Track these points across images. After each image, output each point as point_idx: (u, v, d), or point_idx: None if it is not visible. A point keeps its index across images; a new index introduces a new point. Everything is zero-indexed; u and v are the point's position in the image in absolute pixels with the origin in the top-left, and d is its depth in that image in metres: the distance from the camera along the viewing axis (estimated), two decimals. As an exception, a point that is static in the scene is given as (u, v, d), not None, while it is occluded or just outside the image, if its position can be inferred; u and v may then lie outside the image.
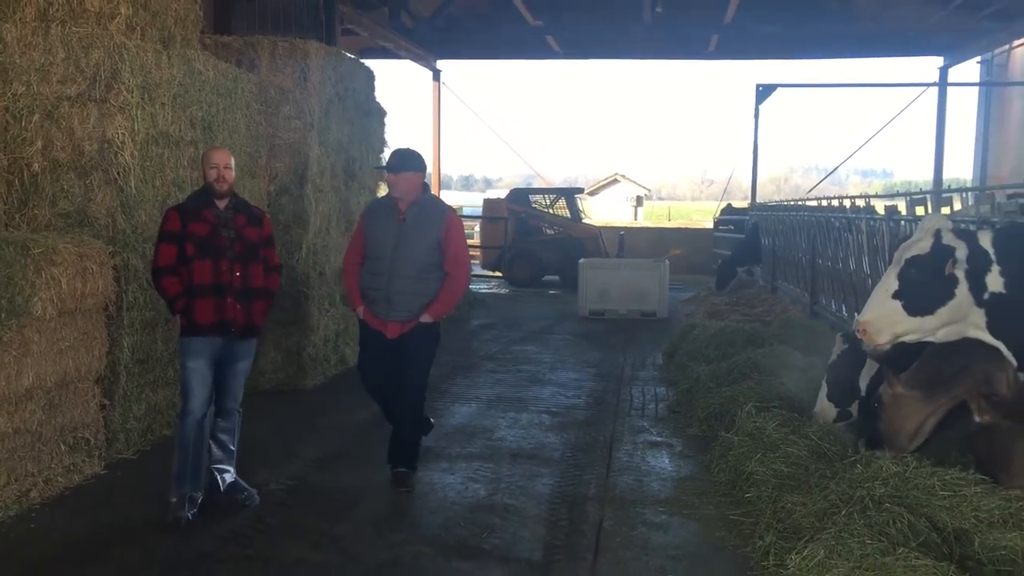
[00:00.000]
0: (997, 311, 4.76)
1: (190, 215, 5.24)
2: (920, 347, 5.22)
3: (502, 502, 5.60)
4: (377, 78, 10.44)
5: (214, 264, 5.23)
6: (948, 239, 4.73)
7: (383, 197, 6.13)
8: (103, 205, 6.13)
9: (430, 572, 4.56)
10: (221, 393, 5.45)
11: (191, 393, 5.25)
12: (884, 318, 4.74)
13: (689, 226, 27.73)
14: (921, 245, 4.78)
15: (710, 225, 21.51)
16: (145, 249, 6.32)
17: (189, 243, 5.19)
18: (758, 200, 22.39)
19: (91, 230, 6.06)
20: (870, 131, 23.31)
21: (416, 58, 22.31)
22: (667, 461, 6.53)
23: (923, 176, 23.31)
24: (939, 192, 8.79)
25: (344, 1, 16.66)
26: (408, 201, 5.75)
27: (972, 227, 5.27)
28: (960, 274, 4.74)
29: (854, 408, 6.12)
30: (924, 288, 4.68)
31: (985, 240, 4.70)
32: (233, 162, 5.41)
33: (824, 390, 6.30)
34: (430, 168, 25.15)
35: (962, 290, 4.74)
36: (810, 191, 22.59)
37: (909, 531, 4.10)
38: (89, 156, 6.10)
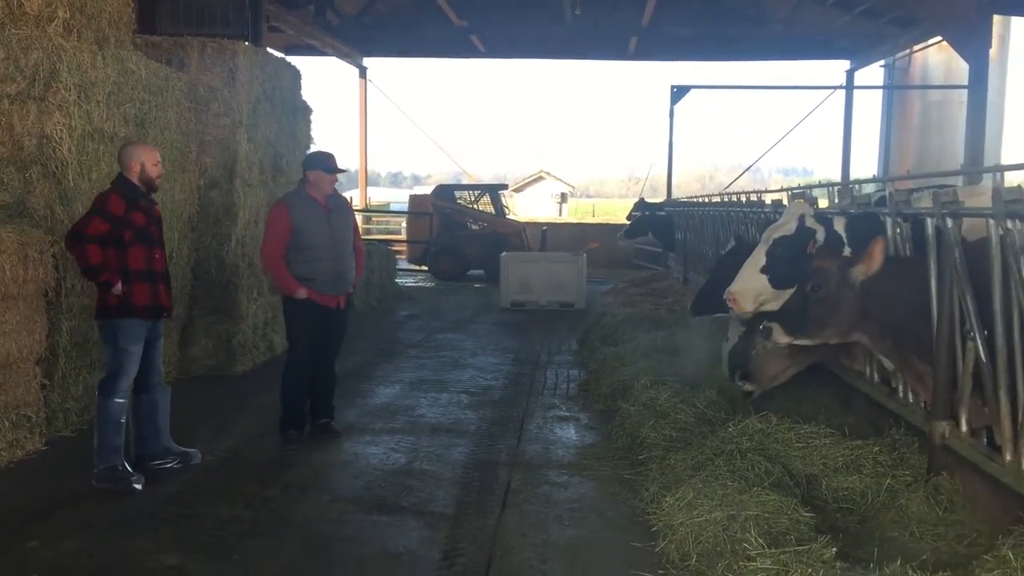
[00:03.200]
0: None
1: (131, 204, 5.62)
2: None
3: (420, 468, 6.15)
4: (304, 75, 10.91)
5: (147, 251, 5.69)
6: (810, 223, 5.43)
7: (297, 193, 6.74)
8: (42, 197, 6.50)
9: (352, 525, 5.07)
10: (149, 371, 5.86)
11: (126, 374, 5.65)
12: (751, 290, 5.42)
13: (611, 222, 28.51)
14: (787, 227, 5.48)
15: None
16: (82, 239, 6.71)
17: (128, 230, 5.58)
18: (683, 197, 23.28)
19: (30, 221, 6.42)
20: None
21: (342, 55, 22.64)
22: (573, 432, 7.15)
23: (839, 174, 24.39)
24: (809, 188, 9.52)
25: (270, -1, 16.94)
26: (326, 195, 6.61)
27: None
28: (818, 254, 5.43)
29: None
30: (788, 265, 5.34)
31: (839, 225, 5.42)
32: None
33: (727, 372, 6.95)
34: (357, 164, 25.57)
35: (819, 268, 5.43)
36: (727, 187, 23.54)
37: (764, 475, 4.80)
38: (28, 151, 6.47)
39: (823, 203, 7.81)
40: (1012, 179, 4.78)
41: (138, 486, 5.55)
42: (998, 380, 4.36)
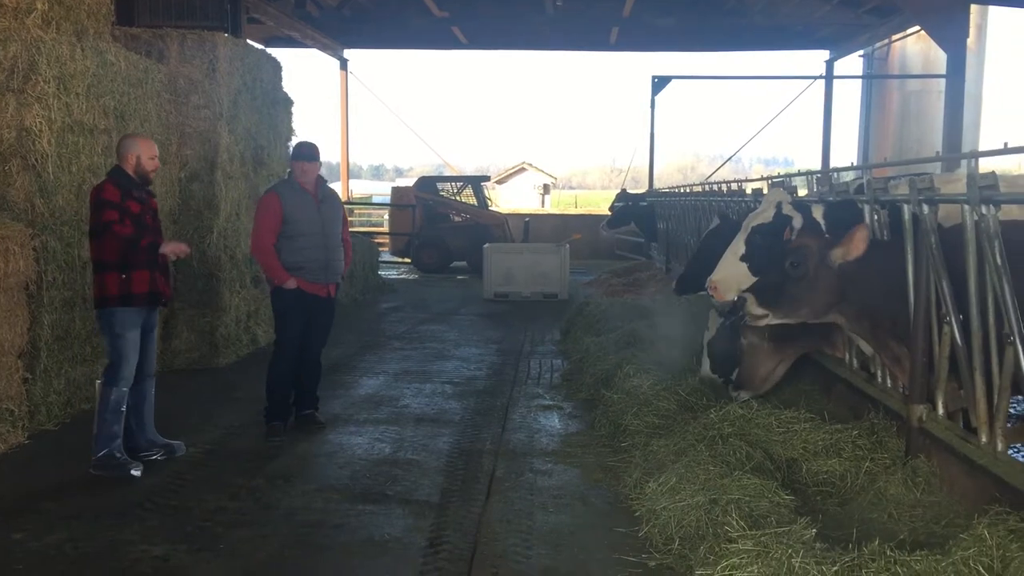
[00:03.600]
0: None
1: (125, 193, 5.67)
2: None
3: (405, 457, 6.18)
4: (284, 67, 10.89)
5: (148, 241, 5.71)
6: (787, 210, 5.45)
7: (287, 183, 6.77)
8: (22, 190, 6.48)
9: (338, 514, 5.09)
10: (143, 360, 5.89)
11: (127, 362, 5.70)
12: (731, 278, 5.45)
13: (593, 212, 28.59)
14: (765, 215, 5.51)
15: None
16: (63, 232, 6.71)
17: (126, 218, 5.63)
18: (665, 187, 23.33)
19: (10, 213, 6.40)
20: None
21: (323, 47, 22.56)
22: (556, 421, 7.20)
23: (820, 163, 24.50)
24: (790, 176, 9.60)
25: (249, -10, 16.83)
26: (313, 185, 6.64)
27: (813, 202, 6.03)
28: (796, 241, 5.47)
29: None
30: (767, 252, 5.37)
31: (817, 212, 5.45)
32: None
33: (707, 363, 7.01)
34: (339, 157, 25.52)
35: (797, 254, 5.47)
36: (708, 177, 23.63)
37: (746, 459, 4.86)
38: (8, 144, 6.44)
39: (803, 191, 7.89)
40: (987, 166, 4.85)
41: (136, 472, 5.62)
42: (973, 363, 4.43)
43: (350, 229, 7.28)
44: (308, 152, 6.69)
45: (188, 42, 9.02)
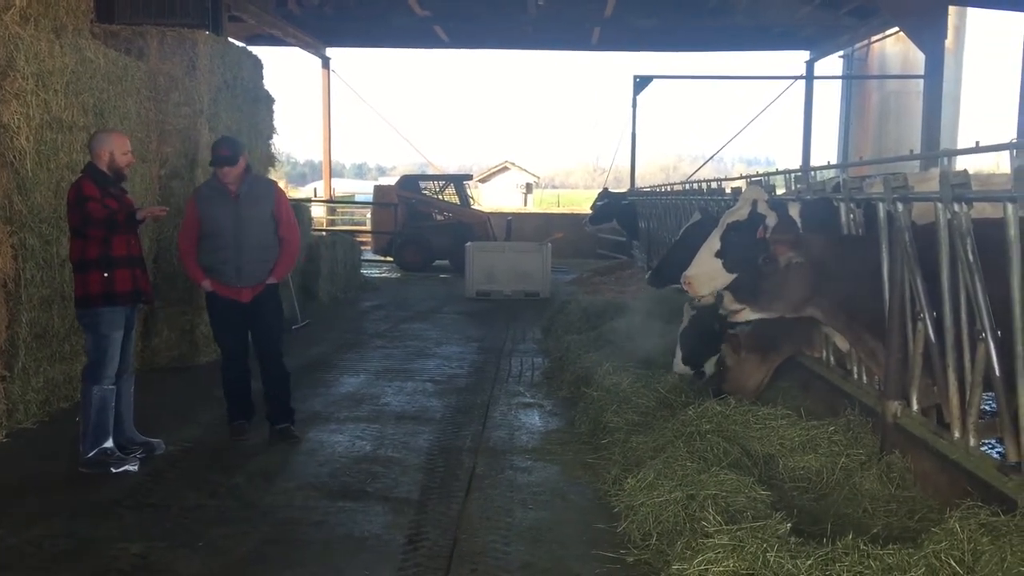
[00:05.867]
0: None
1: (103, 192, 5.65)
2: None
3: (385, 455, 6.19)
4: (266, 65, 10.86)
5: (126, 239, 5.74)
6: (762, 208, 5.50)
7: (209, 181, 6.52)
8: (0, 187, 6.42)
9: (318, 511, 5.10)
10: (121, 357, 5.88)
11: (110, 360, 5.71)
12: (706, 274, 5.50)
13: (575, 212, 28.65)
14: (740, 212, 5.56)
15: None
16: (41, 229, 6.67)
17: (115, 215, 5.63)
18: (647, 187, 23.39)
19: (-12, 211, 6.36)
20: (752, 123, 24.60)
21: (305, 45, 22.49)
22: (537, 418, 7.22)
23: (800, 163, 24.61)
24: (769, 175, 9.68)
25: (230, -13, 16.75)
26: (235, 181, 6.29)
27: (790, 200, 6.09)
28: (770, 238, 5.52)
29: (708, 366, 6.91)
30: (741, 249, 5.42)
31: (793, 211, 5.51)
32: None
33: (679, 355, 7.05)
34: (321, 156, 25.45)
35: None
36: (690, 176, 23.70)
37: (723, 455, 4.91)
38: (-14, 140, 6.39)
39: (781, 190, 7.95)
40: (968, 165, 4.91)
41: (133, 468, 5.66)
42: (946, 360, 4.49)
43: (334, 228, 7.17)
44: (224, 154, 6.19)
45: (168, 39, 9.00)
